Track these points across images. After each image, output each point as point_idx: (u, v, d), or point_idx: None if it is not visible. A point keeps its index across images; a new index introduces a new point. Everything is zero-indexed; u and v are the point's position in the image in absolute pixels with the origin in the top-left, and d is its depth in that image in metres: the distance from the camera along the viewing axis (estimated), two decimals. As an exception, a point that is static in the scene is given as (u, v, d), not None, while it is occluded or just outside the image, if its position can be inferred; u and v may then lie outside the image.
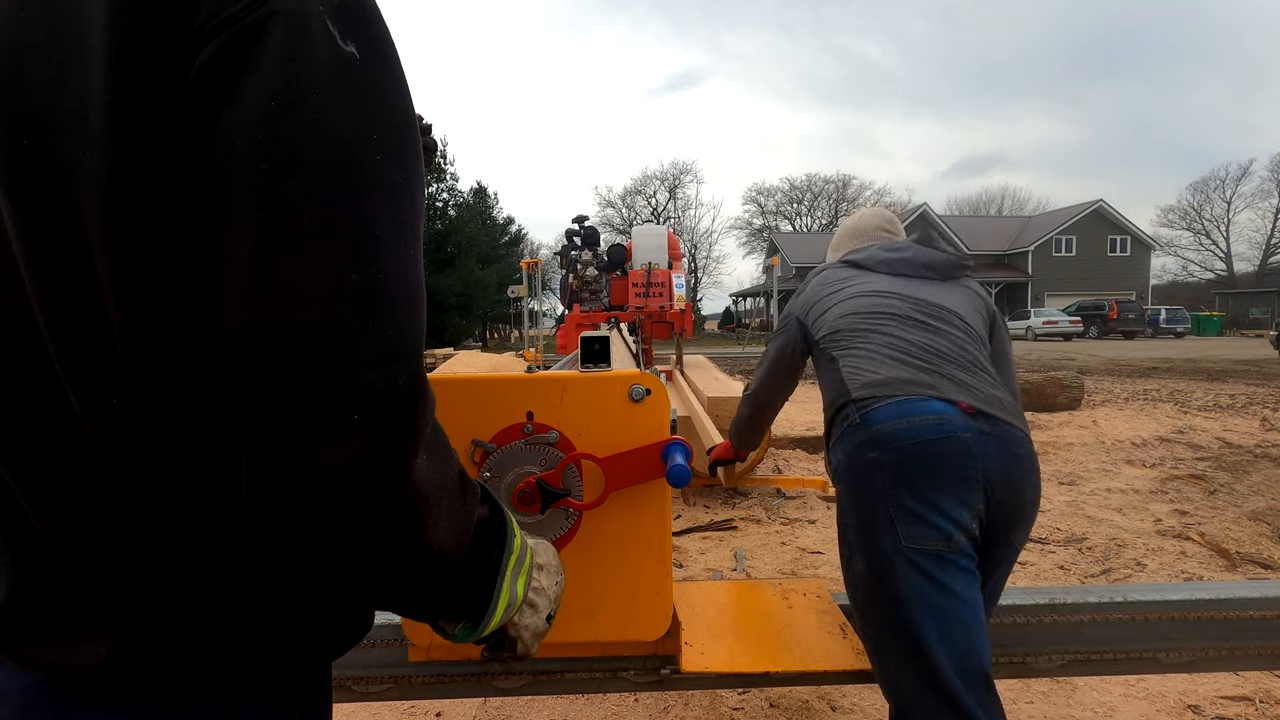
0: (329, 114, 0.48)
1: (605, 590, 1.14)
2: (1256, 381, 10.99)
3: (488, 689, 1.34)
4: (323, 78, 0.48)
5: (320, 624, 0.60)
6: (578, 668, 1.31)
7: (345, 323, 0.47)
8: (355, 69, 0.50)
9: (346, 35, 0.49)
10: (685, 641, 1.23)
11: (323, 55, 0.48)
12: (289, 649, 0.58)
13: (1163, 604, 1.40)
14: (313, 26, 0.48)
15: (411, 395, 0.50)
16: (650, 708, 2.17)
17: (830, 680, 1.33)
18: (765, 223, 60.00)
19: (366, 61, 0.50)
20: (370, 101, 0.50)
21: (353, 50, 0.50)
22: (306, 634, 0.59)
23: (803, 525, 3.97)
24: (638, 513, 1.13)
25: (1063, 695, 2.22)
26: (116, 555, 0.53)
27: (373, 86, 0.51)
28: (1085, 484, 4.90)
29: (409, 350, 0.50)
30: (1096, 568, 3.36)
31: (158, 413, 0.50)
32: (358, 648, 1.26)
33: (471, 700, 2.16)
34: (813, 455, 5.76)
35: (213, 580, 0.54)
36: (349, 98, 0.49)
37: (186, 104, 0.46)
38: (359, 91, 0.50)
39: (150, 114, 0.47)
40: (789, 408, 9.95)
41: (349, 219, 0.48)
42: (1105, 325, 30.92)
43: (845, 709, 2.15)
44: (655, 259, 6.89)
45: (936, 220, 43.17)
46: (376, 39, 0.52)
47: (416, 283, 0.52)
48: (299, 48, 0.47)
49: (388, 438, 0.48)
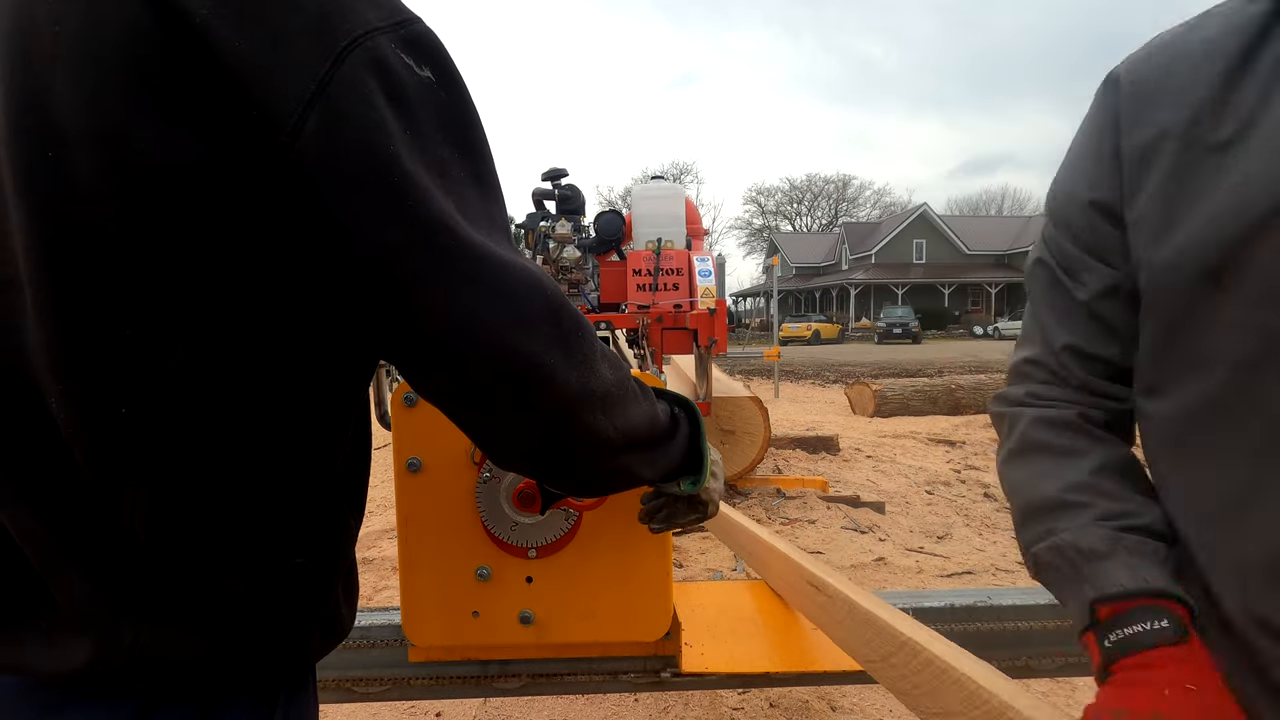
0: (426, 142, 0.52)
1: (605, 591, 1.14)
2: (1256, 381, 10.98)
3: (488, 689, 1.34)
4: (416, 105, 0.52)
5: (300, 625, 0.60)
6: (577, 669, 1.31)
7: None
8: (435, 92, 0.54)
9: (421, 62, 0.53)
10: (685, 642, 1.23)
11: (410, 83, 0.52)
12: (269, 650, 0.58)
13: (1163, 604, 1.40)
14: (391, 61, 0.51)
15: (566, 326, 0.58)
16: (650, 708, 2.17)
17: (831, 680, 1.33)
18: (765, 223, 60.04)
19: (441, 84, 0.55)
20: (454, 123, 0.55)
21: (429, 75, 0.54)
22: (286, 635, 0.59)
23: (803, 525, 3.97)
24: (638, 512, 1.13)
25: (1063, 695, 2.22)
26: (97, 561, 0.53)
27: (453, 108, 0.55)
28: (1085, 484, 4.90)
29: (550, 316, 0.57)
30: (1096, 568, 3.36)
31: (164, 423, 0.51)
32: (357, 648, 1.26)
33: (471, 700, 2.16)
34: (813, 455, 5.76)
35: (194, 584, 0.55)
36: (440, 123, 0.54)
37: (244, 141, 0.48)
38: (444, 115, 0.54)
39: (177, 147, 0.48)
40: (789, 407, 9.91)
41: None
42: (1105, 325, 30.91)
43: (845, 709, 2.15)
44: (667, 233, 4.46)
45: (937, 220, 43.19)
46: (445, 62, 0.56)
47: (525, 267, 0.57)
48: (387, 85, 0.51)
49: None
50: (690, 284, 4.30)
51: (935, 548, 3.66)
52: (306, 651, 0.62)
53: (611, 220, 4.70)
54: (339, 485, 0.63)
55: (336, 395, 0.60)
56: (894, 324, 32.23)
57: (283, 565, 0.58)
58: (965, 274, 41.95)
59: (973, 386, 8.55)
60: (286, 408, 0.55)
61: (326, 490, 0.61)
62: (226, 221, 0.49)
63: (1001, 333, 33.63)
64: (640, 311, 4.26)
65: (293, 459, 0.57)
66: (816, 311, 45.30)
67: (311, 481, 0.59)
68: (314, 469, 0.60)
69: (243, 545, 0.56)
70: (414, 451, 1.11)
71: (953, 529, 3.99)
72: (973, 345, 28.30)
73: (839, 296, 44.73)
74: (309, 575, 0.60)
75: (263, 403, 0.54)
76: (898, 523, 4.09)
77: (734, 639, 1.28)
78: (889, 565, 3.32)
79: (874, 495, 4.54)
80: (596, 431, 0.62)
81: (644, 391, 0.71)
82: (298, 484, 0.58)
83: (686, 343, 4.25)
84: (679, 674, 1.27)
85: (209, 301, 0.50)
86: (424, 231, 0.51)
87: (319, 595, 0.62)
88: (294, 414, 0.56)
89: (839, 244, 47.72)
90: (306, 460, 0.59)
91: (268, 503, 0.56)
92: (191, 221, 0.48)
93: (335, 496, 0.63)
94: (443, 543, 1.12)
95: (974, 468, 5.56)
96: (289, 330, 0.54)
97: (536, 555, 1.12)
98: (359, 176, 0.49)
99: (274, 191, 0.49)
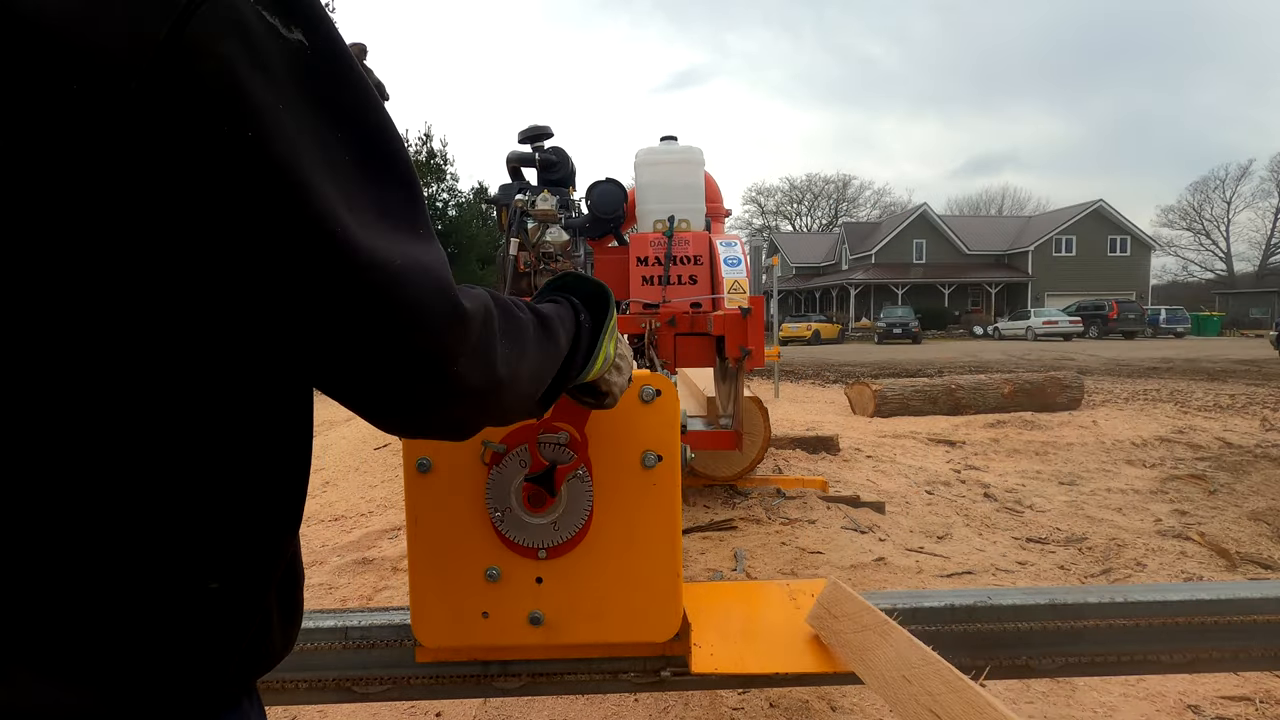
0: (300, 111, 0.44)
1: (615, 591, 1.14)
2: (1256, 381, 10.98)
3: (488, 689, 1.34)
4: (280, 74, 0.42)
5: (214, 657, 0.54)
6: (577, 669, 1.31)
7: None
8: (308, 58, 0.44)
9: (290, 23, 0.44)
10: (695, 642, 1.23)
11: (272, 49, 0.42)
12: (171, 692, 0.52)
13: (1163, 604, 1.40)
14: (251, 22, 0.41)
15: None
16: (650, 708, 2.17)
17: (842, 681, 1.32)
18: (765, 223, 60.02)
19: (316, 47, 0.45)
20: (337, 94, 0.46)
21: (300, 38, 0.44)
22: (195, 670, 0.53)
23: (803, 525, 3.96)
24: (648, 513, 1.13)
25: (1063, 695, 2.22)
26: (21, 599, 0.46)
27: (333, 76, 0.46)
28: (1085, 484, 4.90)
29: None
30: (1096, 568, 3.36)
31: (28, 430, 0.45)
32: (357, 648, 1.26)
33: (471, 700, 2.16)
34: (813, 455, 5.75)
35: (72, 623, 0.47)
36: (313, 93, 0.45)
37: (120, 132, 0.40)
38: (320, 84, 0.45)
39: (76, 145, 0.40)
40: (789, 407, 9.88)
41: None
42: (1105, 325, 30.93)
43: (845, 709, 2.15)
44: (682, 209, 3.47)
45: (937, 220, 43.17)
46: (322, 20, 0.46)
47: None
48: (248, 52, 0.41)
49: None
50: (713, 276, 3.27)
51: (935, 548, 3.66)
52: (222, 684, 0.55)
53: (609, 192, 3.60)
54: (264, 500, 0.56)
55: (239, 402, 0.52)
56: (894, 324, 32.20)
57: (190, 593, 0.51)
58: (965, 274, 41.93)
59: (973, 386, 8.54)
60: (175, 418, 0.48)
61: (247, 506, 0.54)
62: (61, 219, 0.41)
63: (1001, 333, 33.60)
64: (646, 312, 3.27)
65: (194, 475, 0.50)
66: (816, 311, 45.27)
67: (225, 497, 0.53)
68: (226, 483, 0.53)
69: (138, 573, 0.48)
70: (423, 452, 1.11)
71: (953, 529, 3.99)
72: (973, 345, 28.29)
73: (839, 296, 44.70)
74: (225, 601, 0.53)
75: (146, 410, 0.47)
76: (898, 523, 4.09)
77: (743, 640, 1.28)
78: (889, 565, 3.32)
79: (874, 495, 4.53)
80: (506, 411, 0.66)
81: (552, 342, 0.71)
82: (206, 501, 0.51)
83: (708, 353, 3.18)
84: (679, 674, 1.27)
85: (62, 309, 0.43)
86: (298, 238, 0.43)
87: (237, 623, 0.55)
88: (186, 426, 0.49)
89: (839, 244, 47.70)
90: (213, 475, 0.52)
91: (167, 523, 0.49)
92: (18, 220, 0.41)
93: (260, 512, 0.56)
94: (452, 543, 1.12)
95: (974, 468, 5.56)
96: (166, 333, 0.46)
97: (546, 556, 1.12)
98: (214, 167, 0.41)
99: (116, 187, 0.41)
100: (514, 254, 3.34)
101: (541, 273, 3.45)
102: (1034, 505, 4.48)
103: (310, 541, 3.87)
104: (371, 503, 4.55)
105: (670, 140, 3.98)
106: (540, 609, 1.13)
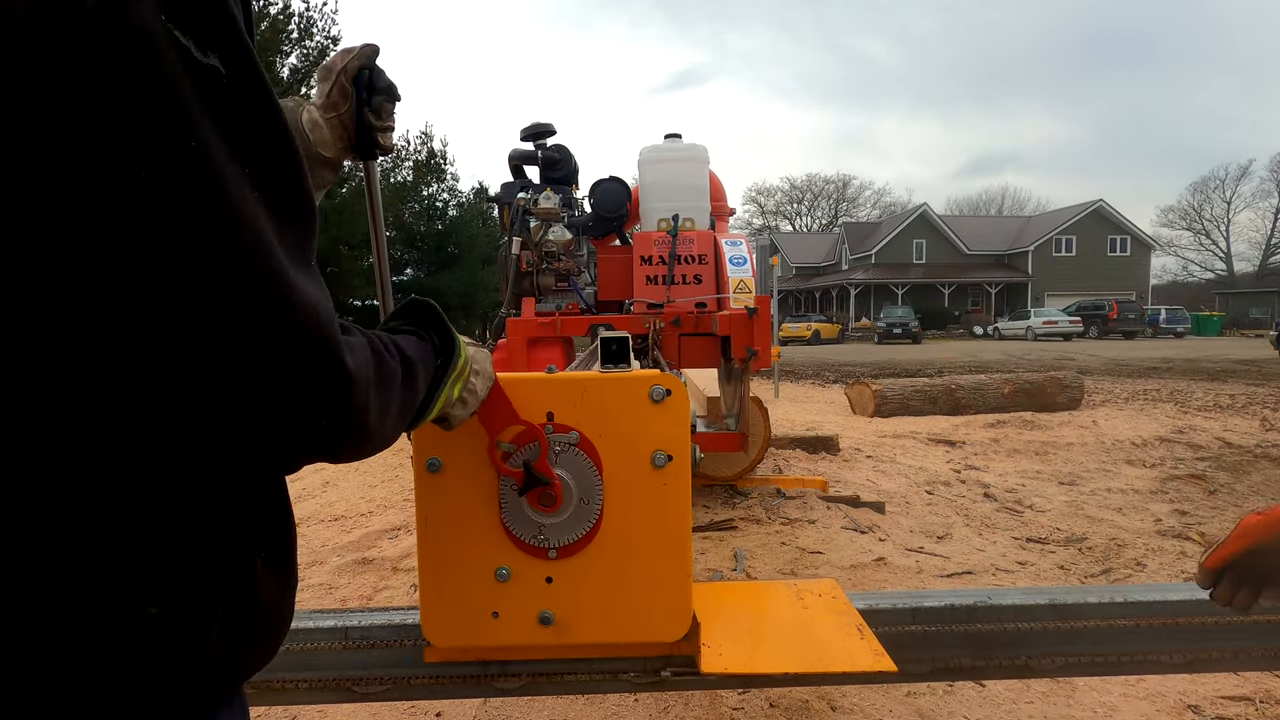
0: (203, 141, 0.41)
1: (625, 591, 1.14)
2: (1256, 381, 10.98)
3: (488, 689, 1.34)
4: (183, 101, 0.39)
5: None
6: (577, 669, 1.31)
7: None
8: (223, 87, 0.41)
9: (205, 46, 0.41)
10: (704, 642, 1.23)
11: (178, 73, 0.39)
12: (186, 680, 0.52)
13: (1163, 604, 1.40)
14: (159, 40, 0.38)
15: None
16: (650, 708, 2.17)
17: (851, 681, 1.32)
18: (765, 223, 60.04)
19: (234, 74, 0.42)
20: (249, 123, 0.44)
21: (215, 63, 0.41)
22: (201, 665, 0.53)
23: (803, 525, 3.96)
24: (659, 513, 1.13)
25: (1063, 695, 2.22)
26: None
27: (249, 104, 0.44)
28: (1085, 484, 4.90)
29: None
30: (1096, 568, 3.36)
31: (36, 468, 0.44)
32: (357, 648, 1.26)
33: (471, 700, 2.16)
34: (813, 455, 5.75)
35: (22, 636, 0.45)
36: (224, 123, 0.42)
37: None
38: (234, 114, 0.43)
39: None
40: (789, 407, 9.87)
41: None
42: (1105, 325, 30.93)
43: (845, 709, 2.15)
44: (686, 208, 3.43)
45: (937, 220, 43.16)
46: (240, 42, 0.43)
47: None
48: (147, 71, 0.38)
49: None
50: (719, 275, 3.29)
51: (935, 548, 3.66)
52: (227, 677, 0.55)
53: (613, 190, 3.62)
54: (220, 515, 0.55)
55: (164, 431, 0.48)
56: (894, 324, 32.19)
57: (124, 619, 0.48)
58: (965, 274, 41.93)
59: (973, 386, 8.54)
60: (104, 423, 0.46)
61: (194, 524, 0.52)
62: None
63: (1001, 333, 33.59)
64: (650, 312, 3.29)
65: (127, 487, 0.48)
66: (816, 311, 45.26)
67: (164, 512, 0.50)
68: (166, 497, 0.50)
69: (59, 596, 0.46)
70: (434, 452, 1.11)
71: (953, 529, 3.99)
72: (973, 345, 28.29)
73: (839, 296, 44.70)
74: (167, 627, 0.50)
75: (68, 416, 0.45)
76: (898, 523, 4.09)
77: (751, 639, 1.28)
78: (889, 565, 3.32)
79: (874, 495, 4.53)
80: (365, 455, 0.63)
81: (411, 388, 0.72)
82: (139, 516, 0.49)
83: (713, 353, 3.23)
84: (680, 674, 1.27)
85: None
86: (195, 294, 0.42)
87: (182, 651, 0.52)
88: (119, 433, 0.47)
89: (839, 244, 47.70)
90: (151, 488, 0.49)
91: (88, 540, 0.47)
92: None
93: (212, 530, 0.54)
94: (463, 543, 1.12)
95: (974, 468, 5.56)
96: (91, 336, 0.43)
97: (557, 555, 1.12)
98: (114, 201, 0.38)
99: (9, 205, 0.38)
100: (516, 253, 3.34)
101: (544, 272, 3.46)
102: (1034, 505, 4.48)
103: (310, 541, 3.87)
104: (371, 503, 4.55)
105: (675, 138, 3.89)
106: (550, 609, 1.12)
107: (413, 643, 1.25)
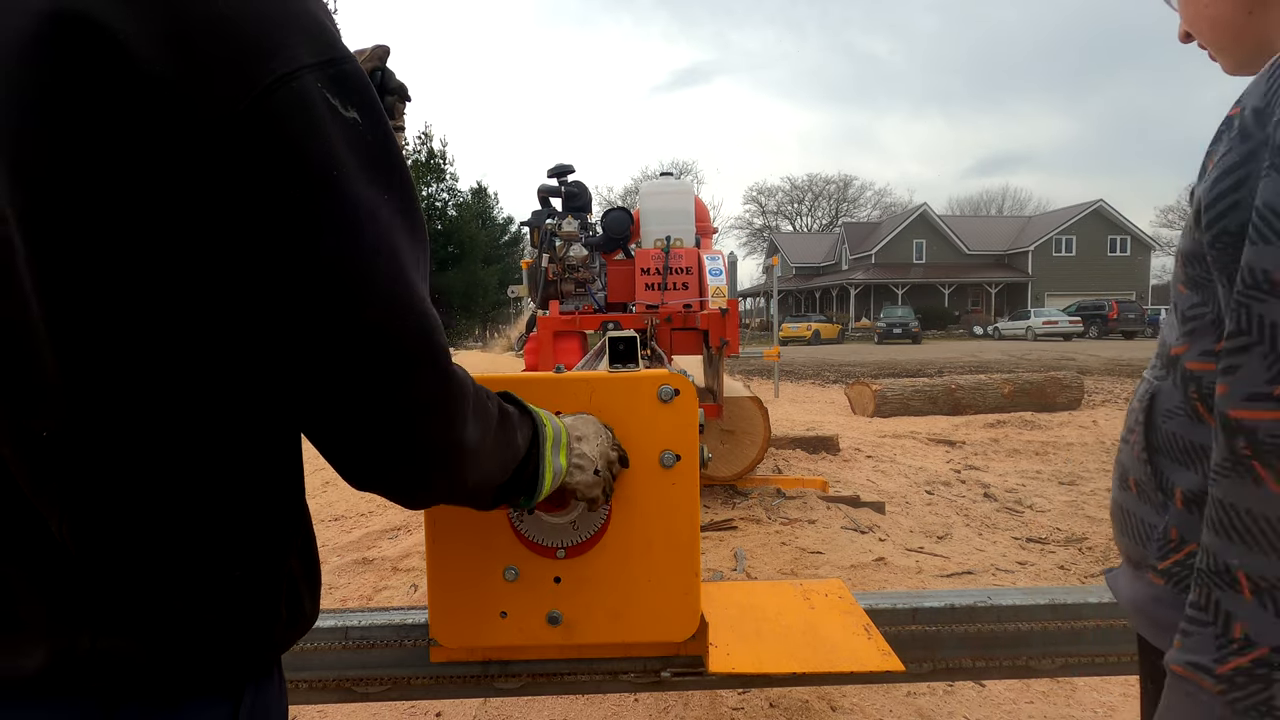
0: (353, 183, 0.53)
1: (634, 590, 1.14)
2: (1256, 381, 10.98)
3: (488, 689, 1.34)
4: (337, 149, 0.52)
5: (260, 620, 0.62)
6: (578, 669, 1.31)
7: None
8: (360, 133, 0.54)
9: (347, 104, 0.54)
10: (711, 642, 1.23)
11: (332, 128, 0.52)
12: (224, 651, 0.59)
13: (1163, 604, 1.40)
14: (315, 102, 0.51)
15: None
16: (650, 708, 2.17)
17: (858, 681, 1.32)
18: (766, 223, 60.06)
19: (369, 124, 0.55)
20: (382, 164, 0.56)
21: (355, 116, 0.54)
22: (238, 637, 0.60)
23: (803, 525, 3.96)
24: (667, 512, 1.13)
25: (1063, 695, 2.22)
26: (45, 574, 0.54)
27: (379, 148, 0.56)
28: (1085, 484, 4.90)
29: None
30: (1096, 568, 3.36)
31: (83, 447, 0.52)
32: (357, 648, 1.26)
33: (471, 700, 2.16)
34: (813, 455, 5.76)
35: (137, 596, 0.55)
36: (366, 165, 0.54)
37: (178, 177, 0.49)
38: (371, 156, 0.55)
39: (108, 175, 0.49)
40: (789, 407, 9.88)
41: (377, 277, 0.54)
42: (1105, 325, 30.92)
43: (845, 709, 2.15)
44: (676, 230, 4.51)
45: (937, 220, 43.19)
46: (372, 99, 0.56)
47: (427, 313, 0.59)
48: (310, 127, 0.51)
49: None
50: (700, 283, 4.28)
51: (935, 548, 3.66)
52: (269, 646, 0.64)
53: (619, 217, 4.74)
54: (271, 499, 0.63)
55: (260, 419, 0.60)
56: (894, 324, 32.20)
57: (219, 580, 0.59)
58: (965, 274, 41.95)
59: (973, 386, 8.55)
60: (208, 434, 0.56)
61: (259, 506, 0.61)
62: (144, 245, 0.50)
63: (1001, 333, 33.62)
64: (649, 311, 4.24)
65: (218, 481, 0.58)
66: (816, 311, 45.29)
67: (241, 500, 0.60)
68: (242, 488, 0.60)
69: (174, 563, 0.56)
70: None
71: (953, 529, 3.99)
72: (973, 345, 28.30)
73: (839, 296, 44.73)
74: (249, 586, 0.61)
75: (183, 430, 0.55)
76: (898, 523, 4.09)
77: (758, 639, 1.28)
78: (889, 565, 3.32)
79: (874, 495, 4.54)
80: (466, 480, 0.68)
81: (508, 438, 0.75)
82: (224, 504, 0.58)
83: (697, 344, 4.19)
84: (681, 674, 1.27)
85: (124, 328, 0.51)
86: (337, 288, 0.52)
87: (263, 603, 0.62)
88: (216, 439, 0.57)
89: (839, 244, 47.72)
90: (234, 481, 0.59)
91: (193, 524, 0.57)
92: (105, 246, 0.49)
93: (268, 511, 0.63)
94: (471, 543, 1.12)
95: (974, 468, 5.56)
96: (208, 357, 0.54)
97: (565, 555, 1.12)
98: (280, 217, 0.50)
99: (197, 225, 0.50)
100: (545, 266, 4.60)
101: (566, 280, 4.66)
102: (1034, 505, 4.48)
103: (310, 541, 3.87)
104: (371, 502, 4.55)
105: (668, 175, 5.55)
106: (559, 609, 1.12)
107: (413, 643, 1.25)
